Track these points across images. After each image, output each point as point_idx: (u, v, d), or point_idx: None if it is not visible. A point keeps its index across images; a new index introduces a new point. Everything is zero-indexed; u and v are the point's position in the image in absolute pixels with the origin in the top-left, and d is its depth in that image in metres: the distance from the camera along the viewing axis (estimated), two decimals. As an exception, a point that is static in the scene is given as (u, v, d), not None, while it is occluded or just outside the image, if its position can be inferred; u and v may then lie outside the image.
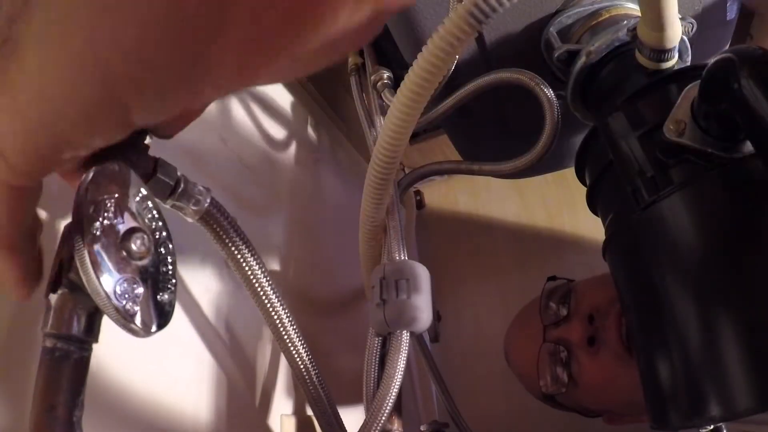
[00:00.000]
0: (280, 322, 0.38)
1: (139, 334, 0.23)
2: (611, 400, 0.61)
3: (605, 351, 0.58)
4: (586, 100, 0.50)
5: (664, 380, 0.37)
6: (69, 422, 0.23)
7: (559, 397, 0.63)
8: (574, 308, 0.64)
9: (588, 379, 0.60)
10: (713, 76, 0.33)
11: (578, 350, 0.61)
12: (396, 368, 0.40)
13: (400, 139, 0.39)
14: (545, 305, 0.67)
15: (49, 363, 0.23)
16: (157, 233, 0.26)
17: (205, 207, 0.31)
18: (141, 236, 0.24)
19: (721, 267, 0.34)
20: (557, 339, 0.63)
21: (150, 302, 0.24)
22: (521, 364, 0.71)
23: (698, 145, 0.35)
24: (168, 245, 0.26)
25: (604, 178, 0.46)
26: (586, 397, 0.62)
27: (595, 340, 0.59)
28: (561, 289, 0.68)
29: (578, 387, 0.61)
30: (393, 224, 0.48)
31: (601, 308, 0.60)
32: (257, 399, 0.54)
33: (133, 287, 0.23)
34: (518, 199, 1.12)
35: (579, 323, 0.62)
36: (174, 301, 0.26)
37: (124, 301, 0.22)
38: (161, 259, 0.25)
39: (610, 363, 0.57)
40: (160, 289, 0.25)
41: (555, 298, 0.67)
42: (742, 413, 0.30)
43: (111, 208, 0.23)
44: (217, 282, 0.51)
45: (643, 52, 0.41)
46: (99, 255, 0.22)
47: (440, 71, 0.33)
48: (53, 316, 0.23)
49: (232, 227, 0.33)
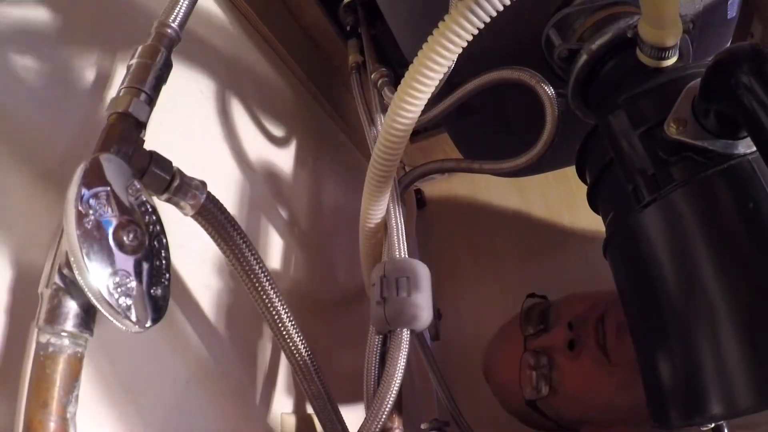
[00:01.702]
0: (278, 318, 0.38)
1: (133, 329, 0.23)
2: (591, 406, 0.62)
3: (585, 355, 0.60)
4: (586, 98, 0.50)
5: (665, 379, 0.37)
6: (63, 418, 0.22)
7: (540, 402, 0.64)
8: (553, 320, 0.67)
9: (569, 383, 0.62)
10: (714, 74, 0.33)
11: (559, 356, 0.63)
12: (397, 366, 0.40)
13: (400, 137, 0.39)
14: (525, 320, 0.70)
15: (42, 358, 0.23)
16: (150, 227, 0.26)
17: (201, 201, 0.31)
18: (134, 229, 0.24)
19: (722, 265, 0.33)
20: (538, 347, 0.65)
21: (144, 296, 0.24)
22: (502, 376, 0.73)
23: (699, 143, 0.35)
24: (162, 239, 0.26)
25: (604, 177, 0.46)
26: (566, 404, 0.64)
27: (575, 344, 0.61)
28: (540, 306, 0.71)
29: (558, 394, 0.63)
30: (393, 222, 0.48)
31: (580, 316, 0.63)
32: (257, 397, 0.54)
33: (126, 281, 0.23)
34: (519, 197, 1.11)
35: (560, 330, 0.64)
36: (168, 296, 0.26)
37: (117, 295, 0.22)
38: (155, 252, 0.25)
39: (590, 367, 0.59)
40: (154, 283, 0.25)
41: (534, 312, 0.70)
42: (743, 411, 0.30)
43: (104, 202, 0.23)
44: (216, 279, 0.51)
45: (644, 50, 0.41)
46: (91, 248, 0.22)
47: (441, 69, 0.33)
48: (46, 310, 0.23)
49: (228, 222, 0.33)
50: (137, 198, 0.25)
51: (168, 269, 0.26)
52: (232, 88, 0.63)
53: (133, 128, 0.27)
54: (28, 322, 0.31)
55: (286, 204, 0.70)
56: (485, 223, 1.13)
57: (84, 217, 0.22)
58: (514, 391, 0.66)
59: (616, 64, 0.46)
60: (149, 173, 0.28)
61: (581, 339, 0.61)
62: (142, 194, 0.26)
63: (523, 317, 0.71)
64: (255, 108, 0.69)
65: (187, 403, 0.44)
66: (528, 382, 0.64)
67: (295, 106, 0.81)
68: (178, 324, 0.45)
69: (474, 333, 1.03)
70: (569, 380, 0.62)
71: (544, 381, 0.63)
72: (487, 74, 0.51)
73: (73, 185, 0.22)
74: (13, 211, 0.32)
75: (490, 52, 0.53)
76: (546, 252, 1.04)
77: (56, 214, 0.34)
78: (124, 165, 0.25)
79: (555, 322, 0.66)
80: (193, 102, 0.55)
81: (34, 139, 0.35)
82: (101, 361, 0.36)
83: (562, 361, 0.63)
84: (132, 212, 0.25)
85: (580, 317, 0.63)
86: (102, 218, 0.23)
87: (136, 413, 0.39)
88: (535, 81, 0.48)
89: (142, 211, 0.25)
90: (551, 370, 0.63)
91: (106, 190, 0.23)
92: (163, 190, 0.29)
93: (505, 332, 0.76)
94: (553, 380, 0.63)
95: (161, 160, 0.29)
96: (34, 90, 0.36)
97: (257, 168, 0.65)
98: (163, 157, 0.29)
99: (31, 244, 0.32)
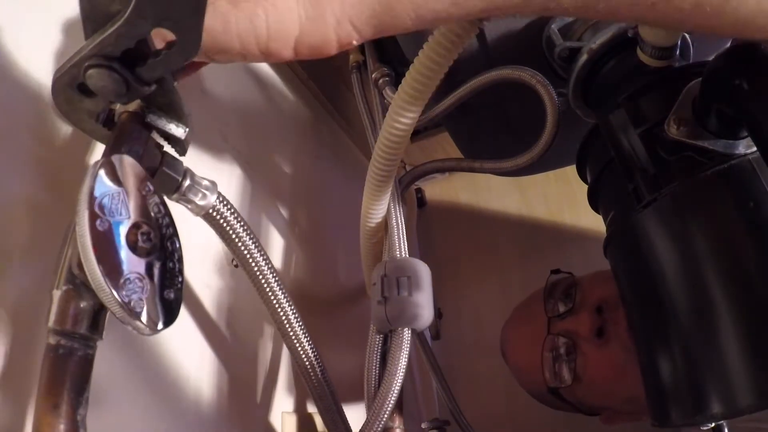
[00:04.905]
0: (286, 319, 0.38)
1: (144, 332, 0.23)
2: (615, 395, 0.59)
3: (614, 343, 0.57)
4: (587, 98, 0.50)
5: (666, 378, 0.37)
6: (73, 421, 0.22)
7: (562, 391, 0.62)
8: (580, 301, 0.63)
9: (594, 372, 0.59)
10: (714, 74, 0.33)
11: (585, 342, 0.59)
12: (398, 366, 0.40)
13: (401, 136, 0.38)
14: (549, 298, 0.66)
15: (52, 360, 0.23)
16: (163, 229, 0.25)
17: (212, 202, 0.31)
18: (147, 232, 0.24)
19: (722, 264, 0.33)
20: (562, 331, 0.62)
21: (156, 299, 0.24)
22: (522, 358, 0.70)
23: (700, 143, 0.35)
24: (175, 241, 0.26)
25: (605, 176, 0.46)
26: (589, 392, 0.61)
27: (604, 332, 0.58)
28: (565, 282, 0.67)
29: (582, 381, 0.60)
30: (394, 222, 0.48)
31: (609, 300, 0.59)
32: (258, 396, 0.54)
33: (138, 283, 0.23)
34: (519, 196, 1.11)
35: (587, 315, 0.60)
36: (181, 299, 0.25)
37: (129, 298, 0.22)
38: (168, 255, 0.25)
39: (619, 355, 0.56)
40: (167, 286, 0.24)
41: (559, 290, 0.66)
42: (744, 411, 0.30)
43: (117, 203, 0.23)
44: (216, 278, 0.51)
45: (644, 50, 0.41)
46: (104, 251, 0.21)
47: (441, 68, 0.33)
48: (57, 312, 0.23)
49: (239, 222, 0.33)
50: (150, 199, 0.25)
51: (181, 272, 0.26)
52: (231, 88, 0.63)
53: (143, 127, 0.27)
54: (34, 324, 0.31)
55: (287, 203, 0.70)
56: (486, 222, 1.13)
57: (97, 219, 0.22)
58: (534, 373, 0.64)
59: (617, 63, 0.46)
60: (160, 173, 0.28)
61: (610, 325, 0.58)
62: (155, 195, 0.25)
63: (547, 294, 0.67)
64: (256, 106, 0.69)
65: (188, 402, 0.44)
66: (550, 368, 0.61)
67: (296, 105, 0.81)
68: (178, 324, 0.45)
69: (474, 332, 1.04)
70: (595, 369, 0.59)
71: (568, 369, 0.60)
72: (487, 73, 0.51)
73: (86, 186, 0.22)
74: (18, 210, 0.32)
75: (490, 52, 0.53)
76: (547, 251, 1.05)
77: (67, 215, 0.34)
78: (136, 165, 0.25)
79: (581, 303, 0.62)
80: (193, 102, 0.55)
81: (34, 139, 0.35)
82: (101, 361, 0.36)
83: (587, 348, 0.59)
84: (146, 214, 0.24)
85: (610, 301, 0.59)
86: (115, 220, 0.22)
87: (137, 413, 0.39)
88: (536, 80, 0.48)
89: (155, 213, 0.25)
90: (575, 356, 0.60)
91: (119, 191, 0.23)
92: (173, 190, 0.29)
93: (527, 310, 0.72)
94: (577, 367, 0.59)
95: (172, 160, 0.29)
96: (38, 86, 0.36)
97: (257, 166, 0.65)
98: (173, 157, 0.29)
99: (37, 243, 0.33)
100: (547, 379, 0.62)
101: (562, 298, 0.64)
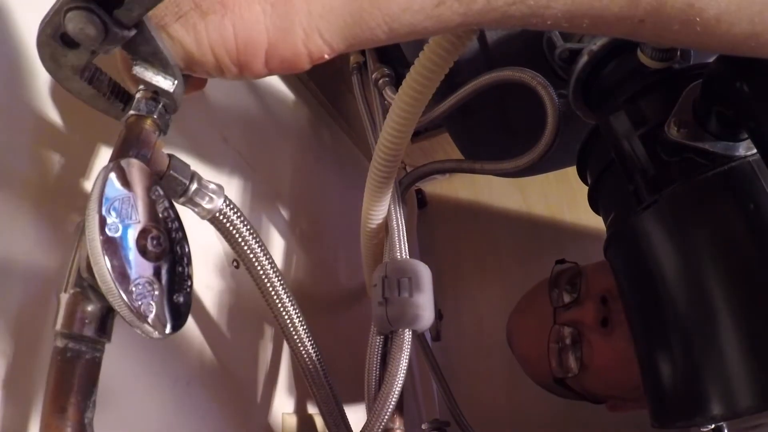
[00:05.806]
0: (290, 323, 0.38)
1: (153, 336, 0.23)
2: (621, 383, 0.60)
3: (619, 332, 0.57)
4: (587, 99, 0.50)
5: (666, 379, 0.37)
6: (81, 424, 0.22)
7: (568, 380, 0.62)
8: (584, 291, 0.63)
9: (600, 361, 0.59)
10: (715, 76, 0.33)
11: (590, 332, 0.60)
12: (398, 367, 0.40)
13: (401, 137, 0.39)
14: (554, 288, 0.66)
15: (60, 363, 0.23)
16: (173, 233, 0.25)
17: (219, 206, 0.31)
18: (157, 236, 0.23)
19: (722, 266, 0.34)
20: (568, 321, 0.62)
21: (165, 303, 0.23)
22: (528, 349, 0.70)
23: (700, 144, 0.35)
24: (184, 245, 0.26)
25: (605, 177, 0.46)
26: (596, 380, 0.61)
27: (609, 322, 0.59)
28: (570, 272, 0.67)
29: (588, 371, 0.60)
30: (394, 223, 0.48)
31: (613, 290, 0.59)
32: (258, 397, 0.54)
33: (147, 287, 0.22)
34: (520, 196, 1.11)
35: (592, 305, 0.61)
36: (190, 302, 0.25)
37: (138, 302, 0.22)
38: (177, 259, 0.25)
39: (624, 345, 0.56)
40: (176, 290, 0.24)
41: (564, 281, 0.66)
42: (744, 412, 0.31)
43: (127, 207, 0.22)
44: (217, 279, 0.51)
45: (645, 51, 0.41)
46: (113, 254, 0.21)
47: (442, 69, 0.33)
48: (65, 315, 0.23)
49: (245, 226, 0.33)
50: (160, 203, 0.25)
51: (190, 276, 0.26)
52: (232, 89, 0.63)
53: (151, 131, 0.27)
54: (39, 327, 0.31)
55: (288, 205, 0.70)
56: (486, 224, 1.13)
57: (107, 223, 0.22)
58: (541, 363, 0.64)
59: (617, 64, 0.46)
60: (167, 177, 0.28)
61: (615, 315, 0.58)
62: (165, 199, 0.25)
63: (552, 284, 0.67)
64: (256, 107, 0.69)
65: (188, 403, 0.44)
66: (556, 359, 0.62)
67: (297, 106, 0.81)
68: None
69: (475, 333, 1.04)
70: (600, 358, 0.59)
71: (574, 359, 0.60)
72: (488, 75, 0.51)
73: (96, 190, 0.22)
74: (24, 213, 0.32)
75: (491, 53, 0.54)
76: (547, 252, 1.04)
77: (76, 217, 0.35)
78: (145, 169, 0.24)
79: (586, 294, 0.63)
80: (194, 104, 0.55)
81: (36, 139, 0.35)
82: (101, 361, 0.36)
83: (593, 337, 0.60)
84: (155, 218, 0.24)
85: (614, 291, 0.58)
86: (125, 224, 0.22)
87: (138, 414, 0.39)
88: (536, 81, 0.48)
89: (165, 217, 0.25)
90: (581, 345, 0.60)
91: (129, 195, 0.23)
92: (180, 194, 0.29)
93: (532, 300, 0.72)
94: (583, 356, 0.60)
95: (179, 164, 0.29)
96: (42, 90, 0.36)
97: (258, 167, 0.65)
98: (180, 160, 0.29)
99: (43, 246, 0.33)
100: (553, 369, 0.62)
101: (567, 288, 0.65)
